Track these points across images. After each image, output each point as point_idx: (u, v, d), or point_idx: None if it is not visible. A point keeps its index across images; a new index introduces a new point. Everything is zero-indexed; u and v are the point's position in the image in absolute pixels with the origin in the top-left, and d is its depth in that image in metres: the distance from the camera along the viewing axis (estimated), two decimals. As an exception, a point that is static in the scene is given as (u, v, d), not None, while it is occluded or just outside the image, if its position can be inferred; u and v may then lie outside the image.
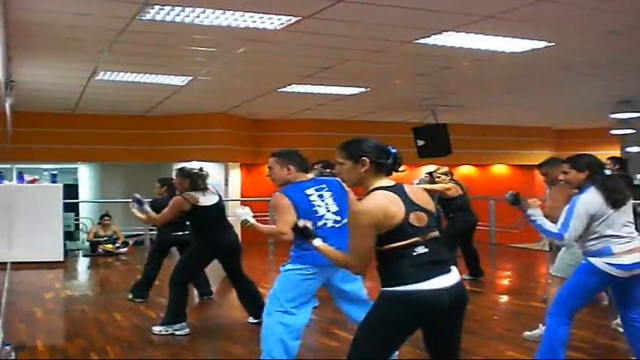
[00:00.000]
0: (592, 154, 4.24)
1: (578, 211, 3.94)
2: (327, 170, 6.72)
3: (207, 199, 5.68)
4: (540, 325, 5.16)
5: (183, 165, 6.17)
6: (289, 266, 4.06)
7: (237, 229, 5.87)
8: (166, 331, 5.49)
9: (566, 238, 3.96)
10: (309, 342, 5.08)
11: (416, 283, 2.77)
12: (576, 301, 4.14)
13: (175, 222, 6.94)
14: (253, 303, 5.84)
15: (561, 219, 3.99)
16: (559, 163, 5.25)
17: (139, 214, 6.12)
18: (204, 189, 5.70)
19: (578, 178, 4.09)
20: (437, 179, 8.18)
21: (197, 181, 5.68)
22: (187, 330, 5.51)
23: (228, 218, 5.97)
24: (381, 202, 2.83)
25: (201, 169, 5.84)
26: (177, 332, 5.48)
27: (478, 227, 8.65)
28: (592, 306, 7.08)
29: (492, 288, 8.23)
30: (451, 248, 8.03)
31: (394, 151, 2.98)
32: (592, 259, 3.97)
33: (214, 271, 6.90)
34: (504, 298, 7.74)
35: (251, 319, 5.84)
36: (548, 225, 4.05)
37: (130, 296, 7.04)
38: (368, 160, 2.92)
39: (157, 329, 5.54)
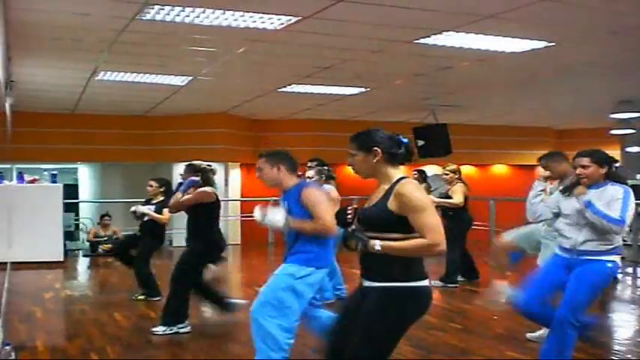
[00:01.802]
0: (602, 150, 4.22)
1: (632, 204, 3.93)
2: (325, 168, 6.73)
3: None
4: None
5: (192, 161, 5.98)
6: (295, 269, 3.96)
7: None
8: (170, 329, 5.48)
9: (626, 224, 3.89)
10: (310, 342, 5.08)
11: (426, 279, 2.85)
12: (593, 303, 4.18)
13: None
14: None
15: (617, 207, 3.91)
16: (562, 157, 5.22)
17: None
18: (214, 185, 5.68)
19: (599, 172, 4.04)
20: (445, 176, 8.13)
21: (210, 176, 5.66)
22: (189, 328, 5.51)
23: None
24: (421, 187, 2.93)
25: (209, 165, 5.81)
26: (181, 330, 5.48)
27: (478, 227, 8.65)
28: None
29: (492, 288, 8.22)
30: (454, 248, 8.03)
31: (406, 140, 2.98)
32: (617, 259, 3.97)
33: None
34: (504, 298, 7.73)
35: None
36: (605, 210, 3.92)
37: (143, 297, 7.06)
38: (380, 151, 2.90)
39: (160, 329, 5.50)
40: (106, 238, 11.52)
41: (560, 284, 4.14)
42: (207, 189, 5.57)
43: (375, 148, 2.90)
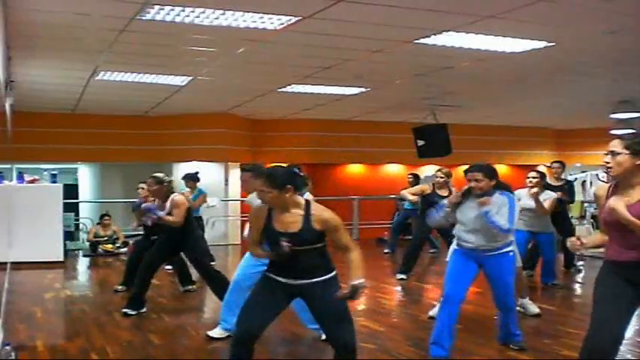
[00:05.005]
0: (489, 164, 4.83)
1: (517, 211, 4.73)
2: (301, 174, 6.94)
3: None
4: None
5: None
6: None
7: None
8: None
9: (512, 231, 4.70)
10: (310, 341, 5.08)
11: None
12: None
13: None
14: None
15: (505, 214, 4.57)
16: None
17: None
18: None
19: (489, 185, 4.66)
20: (437, 179, 8.34)
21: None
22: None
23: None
24: None
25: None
26: None
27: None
28: (589, 305, 7.08)
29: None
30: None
31: (303, 174, 3.58)
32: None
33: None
34: (504, 298, 7.72)
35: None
36: (499, 219, 4.59)
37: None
38: (292, 187, 3.45)
39: None
40: (106, 238, 11.52)
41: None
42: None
43: (288, 185, 3.44)
